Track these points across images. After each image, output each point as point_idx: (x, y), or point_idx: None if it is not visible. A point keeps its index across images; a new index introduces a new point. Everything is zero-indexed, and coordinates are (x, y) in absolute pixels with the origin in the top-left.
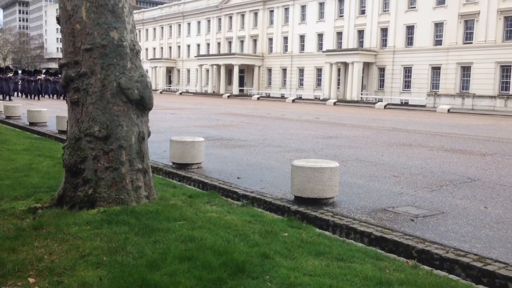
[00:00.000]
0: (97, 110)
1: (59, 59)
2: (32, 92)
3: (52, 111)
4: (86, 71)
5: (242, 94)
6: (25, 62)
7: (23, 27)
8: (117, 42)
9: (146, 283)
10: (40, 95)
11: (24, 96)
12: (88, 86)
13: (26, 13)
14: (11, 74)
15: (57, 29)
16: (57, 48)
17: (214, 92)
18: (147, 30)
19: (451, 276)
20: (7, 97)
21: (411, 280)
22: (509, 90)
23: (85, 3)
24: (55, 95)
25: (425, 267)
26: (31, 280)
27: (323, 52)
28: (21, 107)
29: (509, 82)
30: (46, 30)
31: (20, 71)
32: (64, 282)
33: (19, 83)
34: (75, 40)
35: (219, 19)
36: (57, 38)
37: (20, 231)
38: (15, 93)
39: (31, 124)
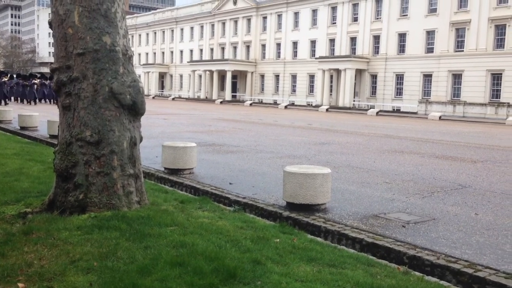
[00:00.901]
0: (89, 115)
1: (51, 63)
2: (27, 97)
3: (43, 116)
4: (78, 76)
5: (234, 100)
6: (17, 66)
7: (15, 31)
8: (109, 47)
9: None
10: (36, 100)
11: (19, 101)
12: (80, 90)
13: (18, 17)
14: (6, 79)
15: (49, 33)
16: (49, 52)
17: (206, 97)
18: (140, 35)
19: (442, 282)
20: (2, 102)
21: (402, 286)
22: (499, 98)
23: (77, 8)
24: (51, 100)
25: (416, 273)
26: (20, 285)
27: (316, 58)
28: (12, 111)
29: (500, 90)
30: (38, 34)
31: (15, 75)
32: (54, 287)
33: (14, 87)
34: (67, 44)
35: (212, 25)
36: (49, 43)
37: (10, 236)
38: (11, 98)
39: (22, 128)
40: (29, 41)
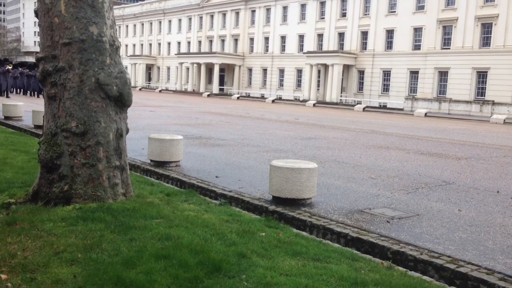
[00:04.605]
0: (75, 106)
1: (37, 52)
2: (31, 88)
3: (28, 106)
4: (64, 66)
5: (222, 93)
6: (1, 55)
7: (0, 20)
8: (96, 37)
9: (121, 281)
10: (38, 93)
11: (23, 93)
12: (65, 81)
13: (4, 5)
14: (10, 67)
15: (34, 22)
16: (35, 41)
17: (194, 90)
18: (127, 26)
19: (424, 277)
20: (5, 94)
21: (385, 280)
22: (484, 96)
23: None
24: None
25: (400, 268)
26: (3, 276)
27: (304, 53)
28: None
29: (485, 87)
30: (23, 23)
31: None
32: (37, 279)
33: (18, 78)
34: (53, 34)
35: (201, 18)
36: (35, 32)
37: None
38: (14, 89)
39: (6, 118)
40: (14, 29)
